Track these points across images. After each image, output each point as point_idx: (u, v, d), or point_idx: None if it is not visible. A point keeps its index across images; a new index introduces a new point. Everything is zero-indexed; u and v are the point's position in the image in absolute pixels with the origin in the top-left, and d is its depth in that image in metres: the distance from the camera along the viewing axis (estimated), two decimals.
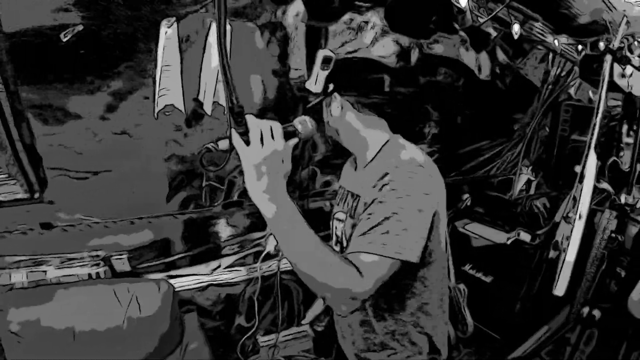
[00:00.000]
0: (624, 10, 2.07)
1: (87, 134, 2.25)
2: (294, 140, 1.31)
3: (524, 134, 3.41)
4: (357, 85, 1.59)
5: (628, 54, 2.16)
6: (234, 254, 2.95)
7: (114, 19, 2.02)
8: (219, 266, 2.91)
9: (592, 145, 2.30)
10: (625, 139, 2.59)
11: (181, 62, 2.23)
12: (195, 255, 2.82)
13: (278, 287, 2.97)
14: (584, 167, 2.35)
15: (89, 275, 2.40)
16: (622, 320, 2.34)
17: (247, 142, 1.18)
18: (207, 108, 2.42)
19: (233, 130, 1.20)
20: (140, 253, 2.61)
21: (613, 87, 2.49)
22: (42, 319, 2.20)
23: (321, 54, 2.54)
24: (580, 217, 2.32)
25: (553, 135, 3.21)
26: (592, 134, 2.31)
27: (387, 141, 1.62)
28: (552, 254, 2.55)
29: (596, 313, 2.35)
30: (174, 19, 2.11)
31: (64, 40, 1.95)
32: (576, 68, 3.13)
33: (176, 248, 2.74)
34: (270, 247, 2.99)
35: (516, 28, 2.25)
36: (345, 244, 1.64)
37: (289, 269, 3.01)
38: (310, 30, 2.46)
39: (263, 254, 2.93)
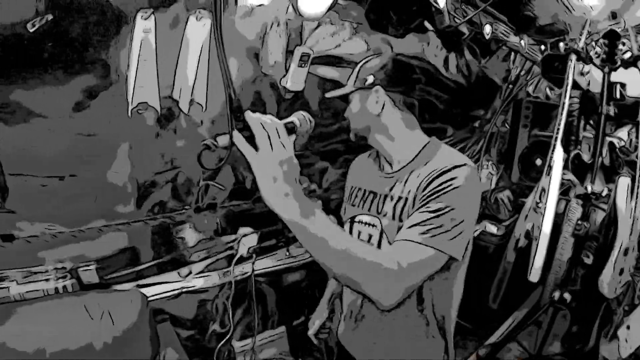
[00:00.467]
0: (584, 14, 2.26)
1: (51, 135, 2.08)
2: (293, 137, 1.30)
3: (485, 131, 3.58)
4: (403, 82, 1.59)
5: (587, 53, 2.36)
6: (205, 259, 2.90)
7: (86, 8, 1.91)
8: (189, 273, 2.85)
9: (559, 139, 2.48)
10: (583, 133, 2.82)
11: (156, 57, 2.17)
12: (164, 262, 2.75)
13: (253, 290, 2.94)
14: (551, 159, 2.52)
15: (56, 289, 2.23)
16: (593, 301, 2.55)
17: (255, 147, 1.12)
18: (184, 106, 2.35)
19: (238, 134, 1.14)
20: (109, 263, 2.47)
21: (572, 84, 2.71)
22: (7, 341, 2.05)
23: (299, 50, 2.54)
24: (550, 206, 2.51)
25: (514, 131, 3.41)
26: (559, 129, 2.49)
27: (428, 142, 1.63)
28: (522, 242, 2.72)
29: (567, 296, 2.53)
30: (151, 10, 2.02)
31: (32, 31, 1.81)
32: (535, 67, 3.40)
33: (145, 256, 2.64)
34: (242, 250, 2.94)
35: (487, 29, 2.38)
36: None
37: (262, 272, 3.02)
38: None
39: (236, 258, 2.84)
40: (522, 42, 2.62)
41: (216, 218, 2.87)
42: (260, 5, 2.27)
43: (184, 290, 2.75)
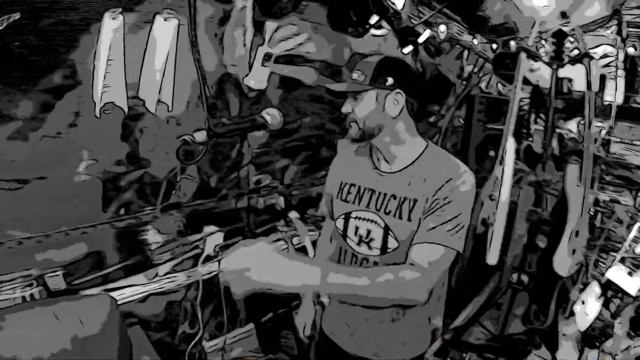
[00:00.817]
0: (534, 14, 2.46)
1: (18, 137, 2.03)
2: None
3: (440, 126, 3.74)
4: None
5: (536, 51, 2.56)
6: (171, 259, 2.89)
7: (53, 7, 1.89)
8: (156, 274, 2.83)
9: (511, 131, 2.67)
10: (535, 126, 3.04)
11: (124, 58, 2.16)
12: (130, 265, 2.72)
13: (222, 288, 2.96)
14: (504, 150, 2.71)
15: (23, 298, 2.18)
16: (549, 281, 2.77)
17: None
18: (151, 106, 2.35)
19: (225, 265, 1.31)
20: (75, 268, 2.42)
21: (523, 80, 2.92)
22: None
23: (262, 50, 2.60)
24: (504, 194, 2.69)
25: (468, 125, 3.60)
26: (510, 122, 2.68)
27: (427, 145, 1.72)
28: (479, 229, 2.90)
29: (524, 278, 2.73)
30: (120, 10, 2.02)
31: None
32: (487, 64, 3.61)
33: (111, 259, 2.60)
34: (209, 249, 2.96)
35: (442, 29, 2.54)
36: (380, 243, 1.73)
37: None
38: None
39: (203, 257, 2.81)
40: (475, 40, 2.81)
41: (179, 218, 2.89)
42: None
43: (152, 292, 2.76)
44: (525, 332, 2.81)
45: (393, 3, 2.21)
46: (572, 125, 2.92)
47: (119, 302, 2.55)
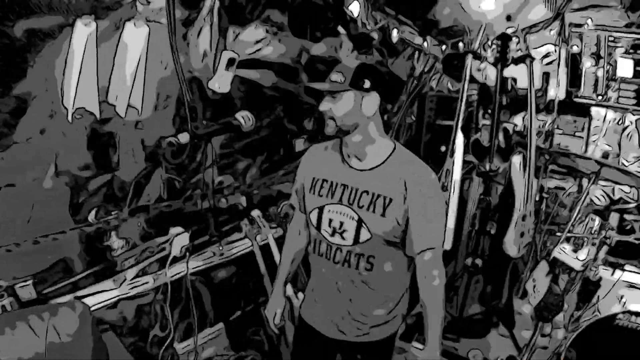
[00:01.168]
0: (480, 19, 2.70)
1: None
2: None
3: (392, 123, 3.95)
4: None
5: (483, 52, 2.81)
6: (137, 263, 2.89)
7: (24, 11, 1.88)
8: (124, 279, 2.83)
9: (459, 126, 2.91)
10: (482, 121, 3.30)
11: (97, 63, 2.18)
12: (99, 271, 2.71)
13: (190, 289, 2.98)
14: (453, 144, 2.95)
15: None
16: (501, 263, 3.04)
17: None
18: (121, 111, 2.38)
19: None
20: (45, 276, 2.41)
21: (471, 79, 3.18)
22: None
23: (226, 55, 2.67)
24: (455, 184, 2.93)
25: (420, 122, 3.86)
26: (459, 117, 2.92)
27: (395, 146, 1.91)
28: None
29: (478, 261, 2.97)
30: (92, 17, 2.04)
31: None
32: (437, 64, 3.86)
33: (78, 267, 2.59)
34: (175, 251, 2.99)
35: (395, 33, 2.73)
36: (353, 234, 1.92)
37: (194, 270, 3.02)
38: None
39: (170, 258, 2.82)
40: (425, 43, 3.03)
41: (140, 222, 2.91)
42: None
43: (122, 297, 2.75)
44: (483, 312, 3.08)
45: (350, 11, 2.37)
46: (518, 120, 3.23)
47: (91, 309, 2.59)
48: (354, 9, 2.48)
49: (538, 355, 2.76)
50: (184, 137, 1.50)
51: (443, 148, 3.49)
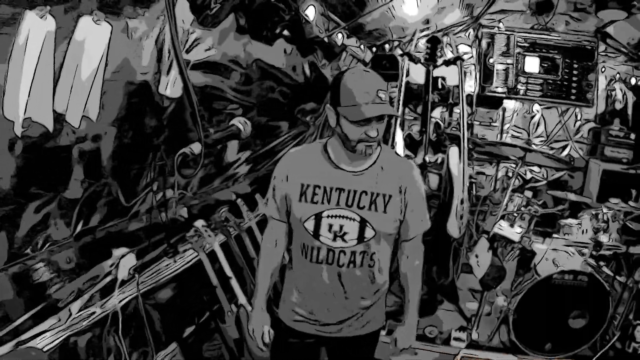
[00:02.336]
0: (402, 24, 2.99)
1: None
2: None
3: (317, 124, 4.08)
4: None
5: (414, 54, 3.12)
6: (79, 295, 2.66)
7: None
8: (70, 314, 2.59)
9: (398, 122, 3.20)
10: (407, 117, 3.64)
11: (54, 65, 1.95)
12: (40, 311, 2.44)
13: (143, 311, 2.81)
14: (393, 139, 3.23)
15: None
16: (443, 245, 3.40)
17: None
18: (74, 121, 2.17)
19: None
20: None
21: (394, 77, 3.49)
22: None
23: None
24: None
25: None
26: (397, 114, 3.21)
27: (381, 148, 1.99)
28: None
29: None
30: (48, 8, 1.73)
31: None
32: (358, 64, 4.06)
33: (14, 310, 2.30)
34: (122, 274, 2.80)
35: (339, 37, 2.90)
36: (356, 235, 1.99)
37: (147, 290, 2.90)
38: None
39: (118, 283, 2.71)
40: (362, 46, 3.26)
41: (69, 257, 2.68)
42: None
43: (71, 333, 2.52)
44: (427, 292, 3.41)
45: (306, 15, 2.49)
46: (436, 113, 3.63)
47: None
48: (310, 13, 2.59)
49: (486, 322, 3.14)
50: (196, 148, 1.50)
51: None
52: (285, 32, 2.69)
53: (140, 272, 2.85)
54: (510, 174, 3.35)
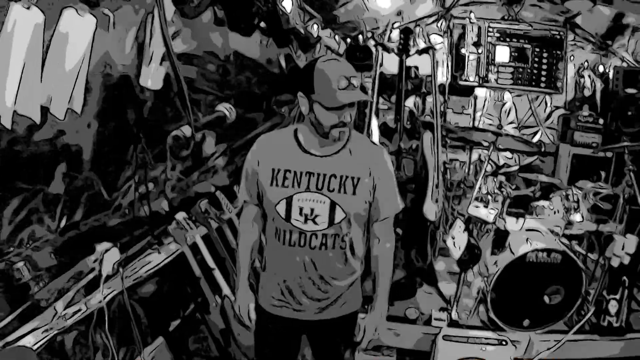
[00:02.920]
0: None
1: None
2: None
3: (292, 115, 4.18)
4: None
5: (387, 44, 3.25)
6: (63, 291, 2.69)
7: None
8: (55, 313, 2.61)
9: (373, 110, 3.32)
10: (381, 106, 3.76)
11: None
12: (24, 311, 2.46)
13: (129, 306, 2.85)
14: (369, 127, 3.35)
15: None
16: (420, 229, 3.54)
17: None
18: (59, 114, 2.22)
19: None
20: None
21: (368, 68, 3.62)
22: None
23: (160, 51, 2.66)
24: None
25: None
26: (372, 103, 3.33)
27: (350, 132, 2.08)
28: None
29: (399, 231, 3.35)
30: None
31: None
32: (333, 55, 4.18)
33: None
34: (107, 268, 2.83)
35: (315, 28, 3.01)
36: (327, 217, 2.08)
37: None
38: None
39: (103, 279, 2.68)
40: (337, 37, 3.37)
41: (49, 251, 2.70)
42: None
43: (57, 332, 2.47)
44: (406, 277, 3.56)
45: (284, 7, 2.59)
46: (410, 102, 3.77)
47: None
48: (287, 5, 2.67)
49: (465, 302, 3.26)
50: (187, 130, 1.59)
51: None
52: (262, 24, 2.78)
53: (124, 266, 2.95)
54: (483, 159, 3.52)
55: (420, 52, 3.15)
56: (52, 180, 2.40)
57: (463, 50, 3.86)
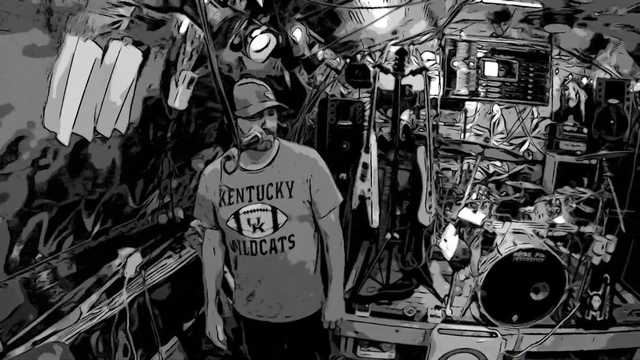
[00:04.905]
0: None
1: None
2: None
3: (295, 128, 4.63)
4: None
5: (384, 65, 3.65)
6: (86, 296, 2.95)
7: None
8: (81, 314, 2.85)
9: (372, 125, 3.72)
10: (378, 120, 4.16)
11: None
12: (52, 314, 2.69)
13: (149, 306, 3.19)
14: (368, 141, 3.74)
15: None
16: (415, 233, 3.94)
17: None
18: (107, 132, 2.54)
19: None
20: (7, 325, 2.36)
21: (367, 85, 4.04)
22: None
23: (188, 75, 2.99)
24: (374, 174, 3.73)
25: (322, 124, 4.52)
26: (371, 118, 3.72)
27: (279, 143, 2.48)
28: (355, 205, 3.88)
29: (396, 235, 3.71)
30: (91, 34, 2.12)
31: None
32: (333, 73, 4.63)
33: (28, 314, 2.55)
34: (130, 272, 3.12)
35: (320, 53, 3.41)
36: (271, 223, 2.42)
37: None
38: None
39: (126, 281, 3.05)
40: (338, 59, 3.78)
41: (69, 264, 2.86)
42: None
43: (82, 332, 2.80)
44: (404, 278, 3.95)
45: (294, 36, 2.99)
46: (405, 116, 4.19)
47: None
48: (297, 35, 3.08)
49: (457, 300, 3.67)
50: (234, 150, 2.10)
51: (344, 145, 4.33)
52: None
53: (145, 269, 3.31)
54: (471, 168, 3.93)
55: (414, 72, 3.56)
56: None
57: (454, 66, 4.27)
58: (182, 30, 2.70)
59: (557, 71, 5.00)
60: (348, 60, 4.12)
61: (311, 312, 2.61)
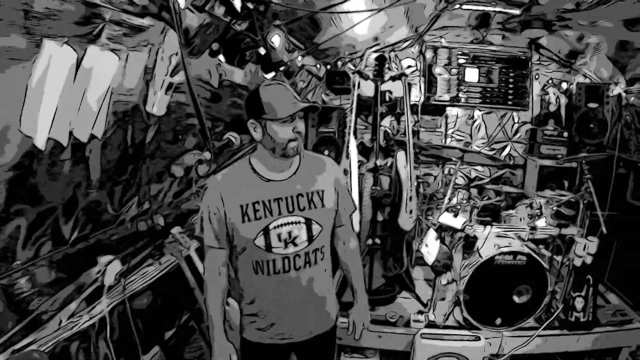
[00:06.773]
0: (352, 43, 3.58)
1: None
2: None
3: None
4: None
5: (364, 72, 3.74)
6: (63, 305, 2.98)
7: None
8: (60, 322, 2.82)
9: (352, 132, 3.79)
10: (359, 126, 4.26)
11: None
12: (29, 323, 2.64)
13: (129, 314, 3.20)
14: (348, 147, 3.82)
15: None
16: (397, 239, 4.01)
17: None
18: (83, 137, 2.54)
19: None
20: None
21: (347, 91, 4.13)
22: None
23: (167, 80, 3.04)
24: (354, 180, 3.80)
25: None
26: (351, 125, 3.80)
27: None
28: None
29: (377, 241, 3.78)
30: (65, 39, 2.14)
31: None
32: (314, 80, 4.69)
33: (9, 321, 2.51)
34: (109, 279, 3.18)
35: (299, 58, 3.48)
36: (305, 235, 2.32)
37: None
38: None
39: (106, 289, 3.03)
40: (318, 65, 3.86)
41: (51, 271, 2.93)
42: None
43: (61, 341, 2.77)
44: (386, 284, 4.01)
45: (272, 42, 3.05)
46: (386, 122, 4.27)
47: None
48: (275, 40, 3.10)
49: (441, 305, 3.74)
50: (207, 155, 2.07)
51: (326, 152, 4.39)
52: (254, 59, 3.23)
53: (125, 277, 3.32)
54: (452, 173, 4.03)
55: (393, 78, 3.65)
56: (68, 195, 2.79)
57: (435, 72, 4.39)
58: (160, 35, 2.74)
59: (537, 76, 5.14)
60: (329, 67, 4.22)
61: (331, 323, 2.56)
